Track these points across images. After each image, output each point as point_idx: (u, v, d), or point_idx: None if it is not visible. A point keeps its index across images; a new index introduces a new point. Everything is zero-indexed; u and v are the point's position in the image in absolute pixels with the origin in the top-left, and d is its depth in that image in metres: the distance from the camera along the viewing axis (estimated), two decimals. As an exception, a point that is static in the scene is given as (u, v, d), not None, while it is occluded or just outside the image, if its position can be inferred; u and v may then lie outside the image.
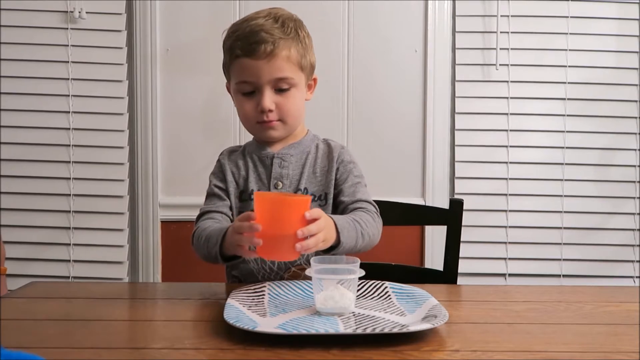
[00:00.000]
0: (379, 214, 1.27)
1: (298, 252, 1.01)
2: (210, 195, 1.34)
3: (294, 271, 1.25)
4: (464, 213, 1.49)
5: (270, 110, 1.25)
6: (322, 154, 1.33)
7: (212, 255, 1.18)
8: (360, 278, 0.99)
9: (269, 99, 1.25)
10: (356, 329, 0.89)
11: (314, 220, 1.03)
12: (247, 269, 1.28)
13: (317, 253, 1.16)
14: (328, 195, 1.29)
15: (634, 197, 2.24)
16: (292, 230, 1.00)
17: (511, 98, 2.23)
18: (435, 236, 2.18)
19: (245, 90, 1.27)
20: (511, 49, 2.21)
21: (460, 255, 1.49)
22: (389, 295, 1.07)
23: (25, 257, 2.16)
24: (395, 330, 0.87)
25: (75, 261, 2.18)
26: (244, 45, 1.23)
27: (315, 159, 1.33)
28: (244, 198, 1.32)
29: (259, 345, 0.83)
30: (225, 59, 1.31)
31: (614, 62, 2.23)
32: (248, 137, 2.25)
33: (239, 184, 1.33)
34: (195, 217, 1.33)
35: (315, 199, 1.28)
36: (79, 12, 2.13)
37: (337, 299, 0.95)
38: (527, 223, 2.24)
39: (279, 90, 1.26)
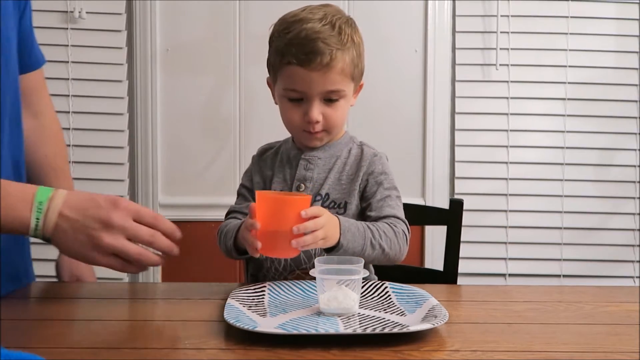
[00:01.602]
0: (406, 232, 1.21)
1: (295, 248, 1.02)
2: (238, 194, 1.35)
3: (298, 274, 1.24)
4: (464, 213, 1.49)
5: (317, 122, 1.22)
6: (353, 161, 1.28)
7: (229, 249, 1.20)
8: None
9: (317, 110, 1.21)
10: (356, 329, 0.89)
11: (312, 218, 1.03)
12: (260, 266, 1.28)
13: (319, 252, 1.16)
14: (348, 205, 1.24)
15: (634, 197, 2.24)
16: (289, 228, 1.02)
17: (511, 98, 2.23)
18: (435, 236, 2.18)
19: (293, 97, 1.22)
20: (511, 49, 2.21)
21: (460, 255, 1.48)
22: (389, 295, 1.07)
23: (25, 257, 2.16)
24: (395, 330, 0.87)
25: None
26: (299, 54, 1.17)
27: (344, 164, 1.28)
28: None
29: (259, 345, 0.83)
30: (273, 58, 1.25)
31: (614, 62, 2.23)
32: (247, 137, 2.26)
33: (265, 184, 1.31)
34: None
35: (335, 205, 1.25)
36: (79, 12, 2.13)
37: (341, 300, 0.95)
38: (527, 223, 2.24)
39: (328, 100, 1.22)
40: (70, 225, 0.96)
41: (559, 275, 2.24)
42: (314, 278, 0.99)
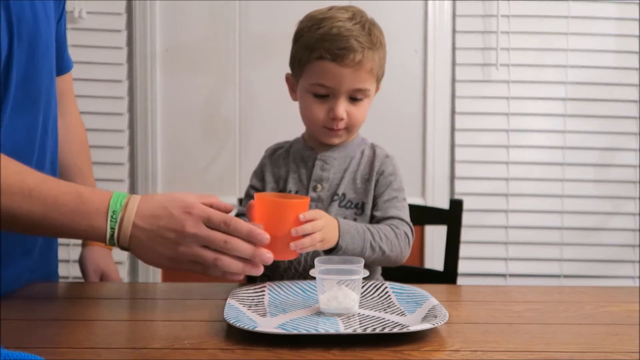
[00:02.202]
0: (409, 234, 1.22)
1: (293, 250, 1.03)
2: (246, 195, 1.34)
3: None
4: (464, 213, 1.49)
5: (342, 119, 1.23)
6: (366, 161, 1.29)
7: None
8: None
9: (342, 107, 1.21)
10: (356, 329, 0.89)
11: (310, 221, 1.04)
12: (275, 266, 1.26)
13: (318, 254, 1.16)
14: (365, 205, 1.25)
15: (634, 197, 2.24)
16: (288, 230, 1.03)
17: (511, 98, 2.23)
18: (435, 236, 2.18)
19: (320, 92, 1.22)
20: (511, 49, 2.22)
21: (461, 255, 1.49)
22: (389, 295, 1.07)
23: (25, 257, 2.16)
24: (395, 330, 0.87)
25: (75, 261, 2.17)
26: (332, 49, 1.18)
27: (358, 165, 1.29)
28: None
29: (259, 345, 0.83)
30: (300, 53, 1.24)
31: (614, 62, 2.23)
32: (247, 137, 2.26)
33: (278, 184, 1.30)
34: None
35: (352, 206, 1.25)
36: (79, 12, 2.13)
37: (341, 300, 0.95)
38: (527, 223, 2.24)
39: (352, 99, 1.23)
40: (146, 236, 0.94)
41: (559, 276, 2.24)
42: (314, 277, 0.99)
